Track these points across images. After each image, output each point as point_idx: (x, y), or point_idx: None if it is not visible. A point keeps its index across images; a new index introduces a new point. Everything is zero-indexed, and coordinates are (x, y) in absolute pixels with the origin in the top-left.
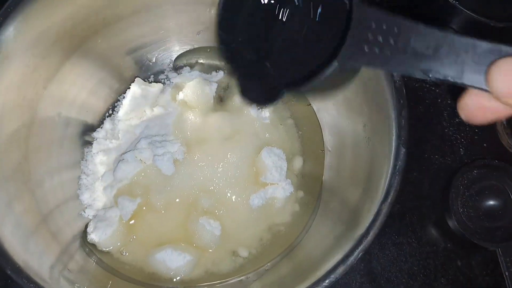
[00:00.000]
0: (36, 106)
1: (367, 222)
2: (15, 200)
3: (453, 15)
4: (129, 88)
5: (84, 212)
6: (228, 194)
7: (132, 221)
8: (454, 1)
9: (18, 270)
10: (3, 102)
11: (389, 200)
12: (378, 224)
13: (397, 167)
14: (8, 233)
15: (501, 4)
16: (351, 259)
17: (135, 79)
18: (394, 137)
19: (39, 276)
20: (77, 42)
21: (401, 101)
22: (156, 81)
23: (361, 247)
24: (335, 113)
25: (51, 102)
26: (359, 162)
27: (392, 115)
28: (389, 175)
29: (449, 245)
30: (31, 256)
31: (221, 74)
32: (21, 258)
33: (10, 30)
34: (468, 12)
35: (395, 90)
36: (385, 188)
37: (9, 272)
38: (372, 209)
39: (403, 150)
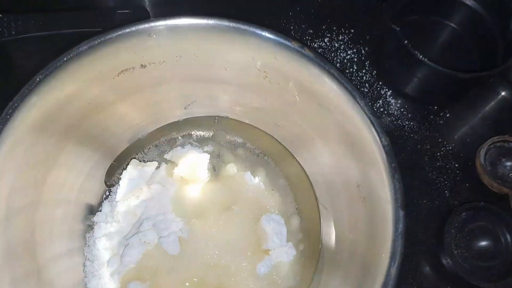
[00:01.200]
0: (36, 199)
1: (378, 286)
2: (19, 283)
3: (419, 68)
4: (125, 169)
5: None
6: (235, 266)
7: None
8: (421, 57)
9: None
10: (9, 204)
11: (396, 264)
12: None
13: (399, 230)
14: None
15: (466, 57)
16: None
17: (131, 161)
18: (390, 200)
19: None
20: (72, 132)
21: (393, 165)
22: (149, 156)
23: None
24: (326, 172)
25: (50, 193)
26: (358, 221)
27: (385, 178)
28: (392, 239)
29: (448, 287)
30: None
31: (211, 143)
32: None
33: (10, 139)
34: (435, 65)
35: (386, 154)
36: (390, 251)
37: None
38: (380, 271)
39: (402, 213)
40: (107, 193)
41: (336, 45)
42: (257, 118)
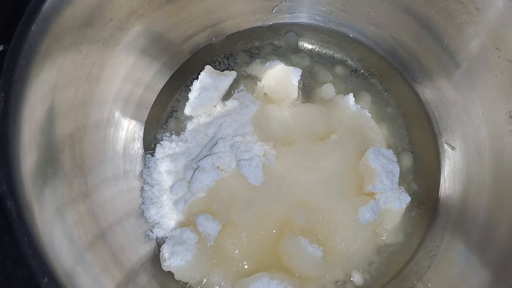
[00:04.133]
0: (89, 102)
1: None
2: (67, 206)
3: None
4: (196, 78)
5: (152, 232)
6: (330, 208)
7: (215, 245)
8: None
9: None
10: (55, 97)
11: None
12: None
13: None
14: (56, 244)
15: None
16: None
17: (205, 67)
18: None
19: None
20: (134, 21)
21: None
22: (222, 68)
23: None
24: (455, 94)
25: (104, 99)
26: (507, 170)
27: None
28: None
29: None
30: (83, 275)
31: (301, 57)
32: (69, 276)
33: (60, 3)
34: None
35: None
36: None
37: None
38: None
39: None
40: (173, 108)
41: None
42: (364, 27)
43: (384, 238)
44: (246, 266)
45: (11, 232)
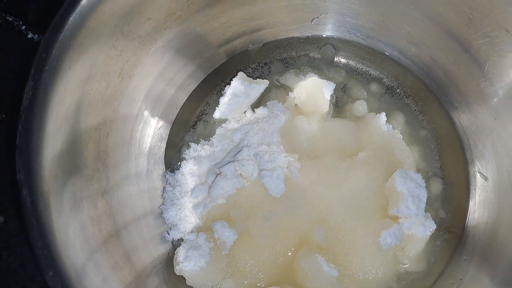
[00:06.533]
0: (119, 97)
1: None
2: (86, 200)
3: None
4: (229, 83)
5: (168, 234)
6: (350, 228)
7: (230, 255)
8: None
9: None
10: (85, 91)
11: None
12: None
13: None
14: (69, 238)
15: None
16: None
17: (238, 74)
18: None
19: None
20: (172, 22)
21: None
22: (255, 76)
23: None
24: (493, 122)
25: (135, 96)
26: None
27: None
28: None
29: None
30: (93, 273)
31: (336, 71)
32: (77, 272)
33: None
34: None
35: None
36: None
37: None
38: None
39: None
40: (202, 111)
41: None
42: (404, 46)
43: (405, 265)
44: (259, 279)
45: (22, 221)
